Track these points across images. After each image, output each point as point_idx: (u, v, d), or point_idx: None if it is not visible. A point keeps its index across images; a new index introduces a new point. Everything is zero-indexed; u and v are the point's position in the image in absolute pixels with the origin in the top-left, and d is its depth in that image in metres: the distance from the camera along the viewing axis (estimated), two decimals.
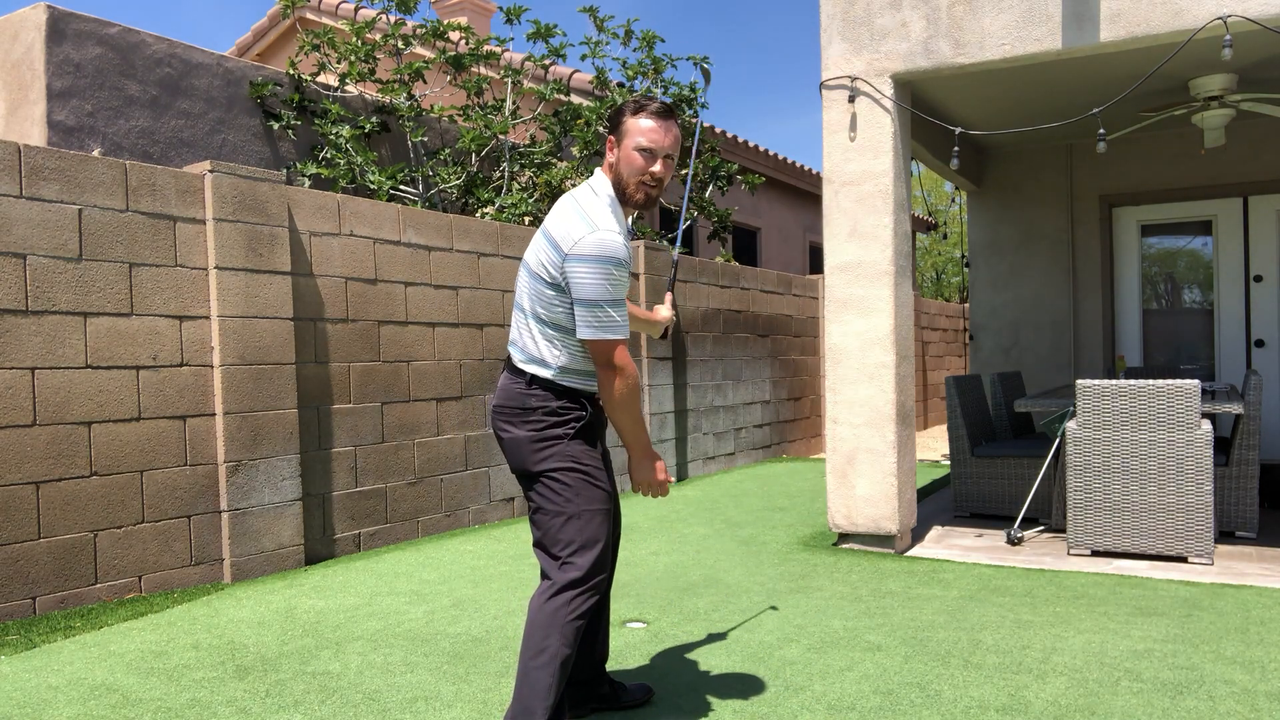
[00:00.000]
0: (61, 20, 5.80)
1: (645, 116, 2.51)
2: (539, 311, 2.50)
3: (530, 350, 2.53)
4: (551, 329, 2.49)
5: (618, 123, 2.54)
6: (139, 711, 2.97)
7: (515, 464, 2.55)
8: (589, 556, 2.47)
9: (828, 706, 2.90)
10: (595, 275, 2.37)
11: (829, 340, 5.14)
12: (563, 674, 2.46)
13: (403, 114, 7.51)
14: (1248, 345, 7.51)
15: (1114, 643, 3.45)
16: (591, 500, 2.49)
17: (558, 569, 2.49)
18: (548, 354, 2.50)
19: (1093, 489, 4.87)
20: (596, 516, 2.49)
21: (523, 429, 2.52)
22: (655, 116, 2.51)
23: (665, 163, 2.53)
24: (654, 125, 2.50)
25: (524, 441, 2.52)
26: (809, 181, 13.60)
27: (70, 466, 4.13)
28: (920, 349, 12.96)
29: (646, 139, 2.49)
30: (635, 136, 2.50)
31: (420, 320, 5.80)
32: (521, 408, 2.53)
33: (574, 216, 2.44)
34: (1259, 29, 4.48)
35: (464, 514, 6.10)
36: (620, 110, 2.55)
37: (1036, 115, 6.79)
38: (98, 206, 4.25)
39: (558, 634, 2.43)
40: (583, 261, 2.37)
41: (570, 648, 2.46)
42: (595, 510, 2.50)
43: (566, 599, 2.45)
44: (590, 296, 2.38)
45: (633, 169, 2.50)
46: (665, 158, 2.52)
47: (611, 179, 2.56)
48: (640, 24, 20.63)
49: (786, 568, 4.77)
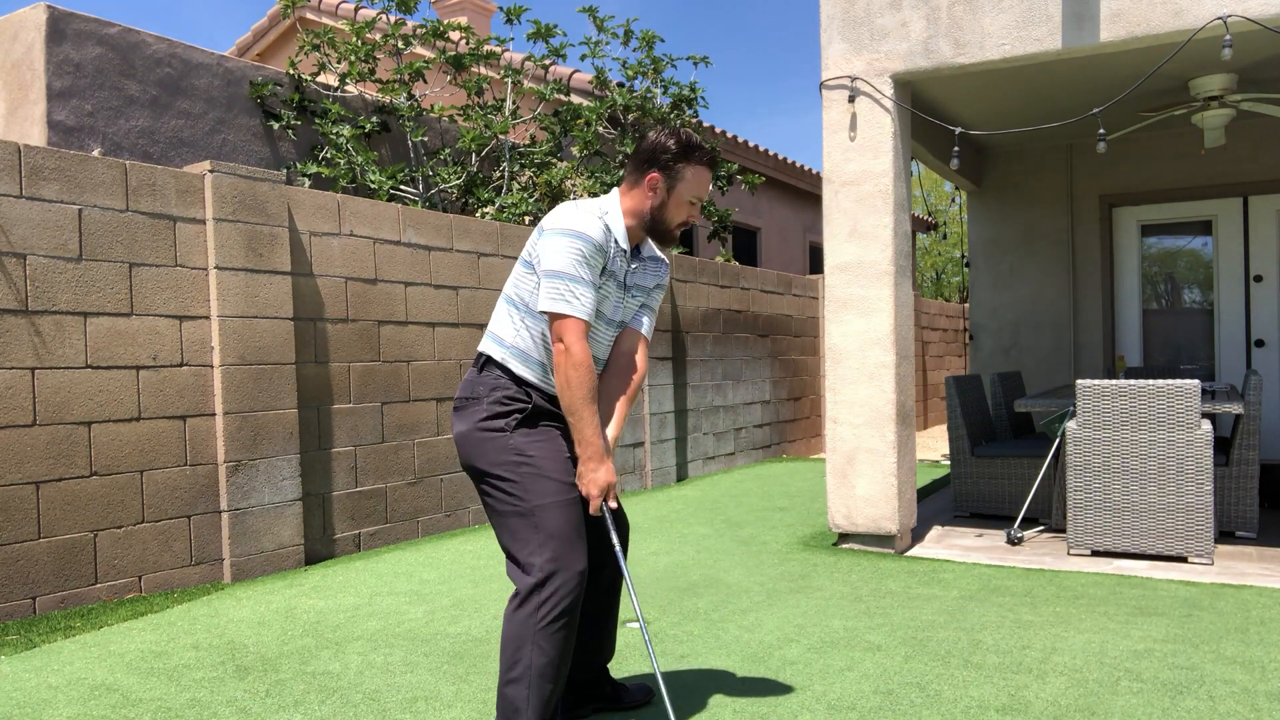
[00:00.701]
0: (61, 20, 5.80)
1: (699, 164, 2.53)
2: (510, 292, 2.54)
3: (492, 328, 2.56)
4: (517, 306, 2.50)
5: (669, 165, 2.49)
6: (139, 711, 2.97)
7: (462, 460, 2.51)
8: (548, 553, 2.34)
9: (828, 706, 2.90)
10: (563, 248, 2.37)
11: (829, 340, 5.14)
12: (545, 684, 2.34)
13: (403, 114, 7.51)
14: (1248, 345, 7.51)
15: (1114, 643, 3.45)
16: (543, 494, 2.38)
17: (521, 574, 2.37)
18: (506, 331, 2.51)
19: (1093, 489, 4.87)
20: (550, 510, 2.37)
21: (467, 423, 2.48)
22: (707, 166, 2.55)
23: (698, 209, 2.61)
24: (706, 176, 2.55)
25: (468, 435, 2.47)
26: (809, 181, 13.60)
27: (70, 466, 4.13)
28: (920, 349, 12.96)
29: (700, 189, 2.55)
30: (693, 186, 2.53)
31: (420, 320, 5.80)
32: (469, 397, 2.50)
33: (564, 207, 2.48)
34: (1259, 29, 4.48)
35: (464, 514, 6.10)
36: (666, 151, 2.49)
37: (1036, 115, 6.79)
38: (98, 206, 4.25)
39: (530, 646, 2.32)
40: (554, 234, 2.40)
41: (551, 654, 2.33)
42: (548, 504, 2.37)
43: (534, 605, 2.33)
44: (554, 267, 2.37)
45: (681, 213, 2.56)
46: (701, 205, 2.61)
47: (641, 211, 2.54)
48: (640, 24, 20.66)
49: (786, 568, 4.77)
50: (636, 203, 2.54)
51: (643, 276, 2.63)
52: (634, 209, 2.55)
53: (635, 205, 2.54)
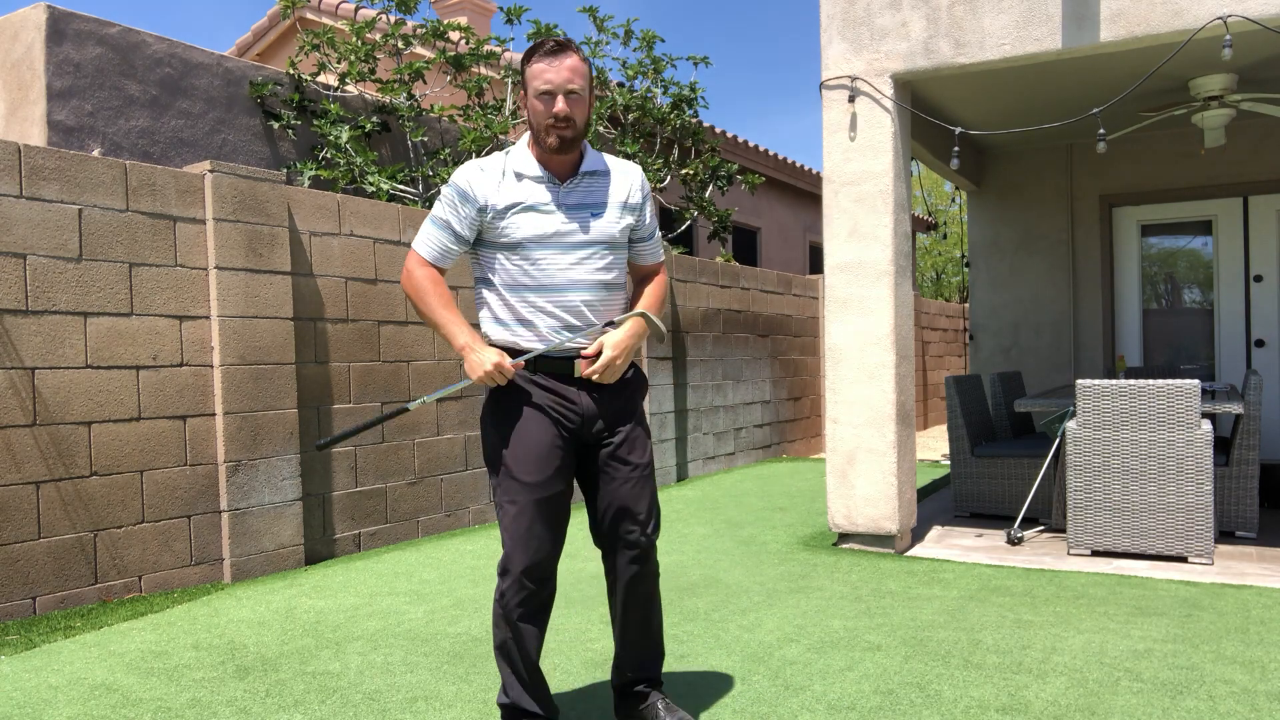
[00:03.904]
0: (61, 20, 5.80)
1: (536, 60, 2.44)
2: None
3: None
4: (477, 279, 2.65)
5: (523, 76, 2.49)
6: (139, 711, 2.97)
7: None
8: (505, 548, 2.51)
9: (828, 706, 2.90)
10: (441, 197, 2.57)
11: (829, 340, 5.14)
12: (503, 662, 2.56)
13: (403, 114, 7.51)
14: (1248, 345, 7.51)
15: (1114, 643, 3.45)
16: (508, 490, 2.50)
17: None
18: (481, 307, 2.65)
19: (1093, 489, 4.87)
20: (511, 507, 2.49)
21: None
22: (544, 56, 2.44)
23: (569, 99, 2.42)
24: (543, 66, 2.43)
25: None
26: (809, 181, 13.60)
27: (70, 466, 4.13)
28: (920, 349, 12.96)
29: (541, 81, 2.43)
30: (532, 84, 2.45)
31: (420, 320, 5.80)
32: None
33: None
34: (1259, 29, 4.48)
35: (464, 514, 6.10)
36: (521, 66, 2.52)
37: (1036, 115, 6.79)
38: (98, 206, 4.25)
39: (495, 623, 2.56)
40: None
41: (502, 638, 2.53)
42: (510, 501, 2.49)
43: (497, 591, 2.54)
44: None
45: (537, 115, 2.46)
46: (567, 94, 2.41)
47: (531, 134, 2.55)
48: (640, 24, 20.65)
49: (786, 568, 4.77)
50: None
51: (586, 194, 2.55)
52: (530, 135, 2.55)
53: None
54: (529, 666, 2.56)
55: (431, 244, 2.55)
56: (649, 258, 2.75)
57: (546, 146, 2.47)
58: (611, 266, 2.58)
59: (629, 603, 2.66)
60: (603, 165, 2.61)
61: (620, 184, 2.62)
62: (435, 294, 2.53)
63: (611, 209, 2.58)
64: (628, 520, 2.59)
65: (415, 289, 2.54)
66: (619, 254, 2.61)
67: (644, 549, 2.61)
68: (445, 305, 2.52)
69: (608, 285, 2.58)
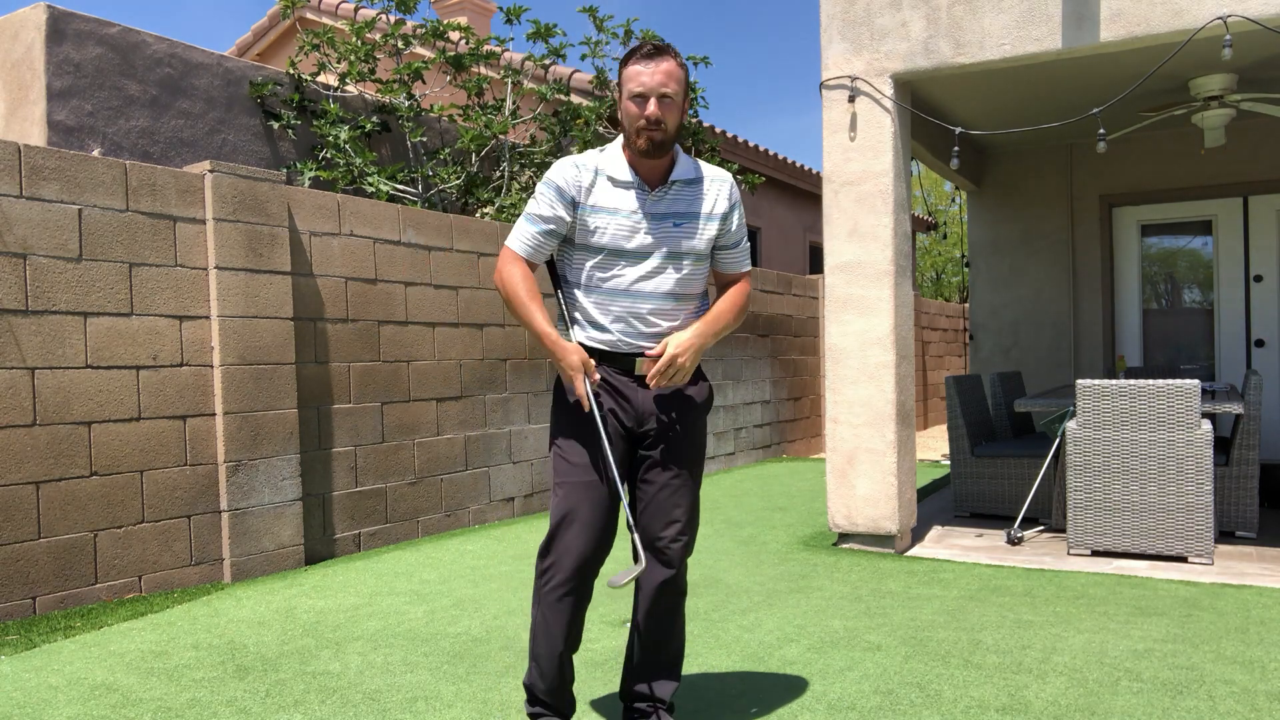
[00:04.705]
0: (61, 20, 5.80)
1: (633, 63, 2.47)
2: None
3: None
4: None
5: (619, 78, 2.52)
6: (139, 711, 2.97)
7: None
8: (551, 530, 2.52)
9: (828, 706, 2.90)
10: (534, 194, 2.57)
11: (829, 340, 5.14)
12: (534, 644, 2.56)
13: (403, 114, 7.51)
14: (1248, 345, 7.51)
15: (1114, 643, 3.45)
16: (562, 474, 2.53)
17: None
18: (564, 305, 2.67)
19: (1093, 489, 4.87)
20: (559, 490, 2.52)
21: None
22: (640, 59, 2.46)
23: (662, 103, 2.44)
24: (639, 68, 2.45)
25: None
26: (809, 181, 13.60)
27: (70, 466, 4.13)
28: (920, 349, 12.96)
29: (636, 84, 2.45)
30: (627, 86, 2.48)
31: (420, 320, 5.80)
32: None
33: None
34: (1259, 29, 4.48)
35: (464, 514, 6.10)
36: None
37: (1037, 115, 6.79)
38: (98, 206, 4.25)
39: (533, 601, 2.57)
40: None
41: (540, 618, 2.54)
42: (560, 484, 2.52)
43: (538, 570, 2.55)
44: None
45: (630, 117, 2.48)
46: (660, 98, 2.43)
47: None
48: (640, 24, 20.61)
49: (786, 568, 4.77)
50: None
51: (674, 204, 2.54)
52: (624, 136, 2.55)
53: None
54: (551, 653, 2.54)
55: (525, 239, 2.54)
56: (731, 266, 2.69)
57: (637, 148, 2.48)
58: (690, 276, 2.58)
59: (649, 610, 2.65)
60: (694, 173, 2.60)
61: (709, 193, 2.61)
62: (526, 289, 2.53)
63: (697, 219, 2.58)
64: (662, 526, 2.58)
65: (506, 284, 2.53)
66: (700, 264, 2.60)
67: (671, 559, 2.59)
68: (533, 298, 2.52)
69: (683, 295, 2.58)
